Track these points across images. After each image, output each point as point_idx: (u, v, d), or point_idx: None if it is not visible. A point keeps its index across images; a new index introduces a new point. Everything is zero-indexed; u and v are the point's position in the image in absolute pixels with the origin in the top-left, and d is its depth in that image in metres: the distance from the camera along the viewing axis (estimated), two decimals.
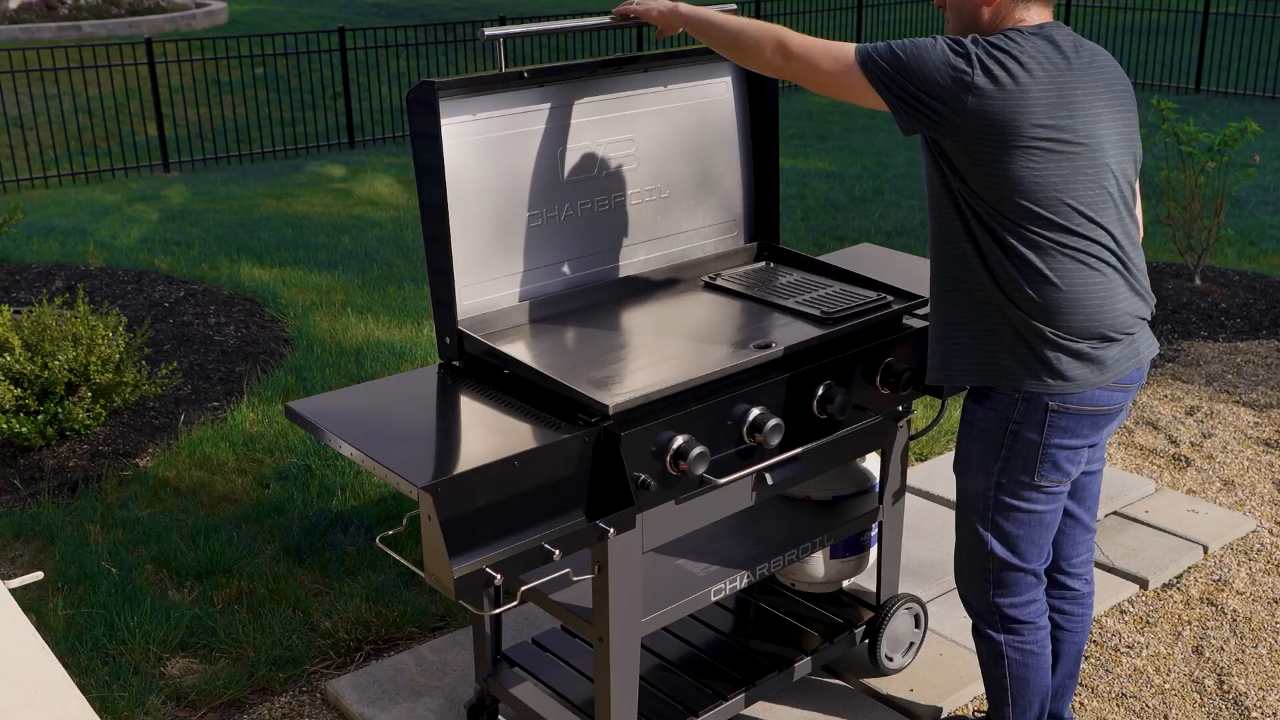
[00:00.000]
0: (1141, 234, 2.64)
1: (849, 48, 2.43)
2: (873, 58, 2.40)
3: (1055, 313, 2.42)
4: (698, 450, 2.37)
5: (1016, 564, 2.62)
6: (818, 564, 3.18)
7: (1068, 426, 2.50)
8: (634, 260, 2.99)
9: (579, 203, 2.82)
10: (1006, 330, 2.46)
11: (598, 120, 2.81)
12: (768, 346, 2.61)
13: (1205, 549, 3.98)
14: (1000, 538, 2.60)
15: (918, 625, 3.28)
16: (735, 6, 2.84)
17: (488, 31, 2.54)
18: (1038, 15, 2.46)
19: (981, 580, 2.66)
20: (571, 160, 2.79)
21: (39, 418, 4.63)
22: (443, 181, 2.48)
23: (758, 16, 14.71)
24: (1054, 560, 2.77)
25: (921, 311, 2.95)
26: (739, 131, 3.11)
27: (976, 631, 2.74)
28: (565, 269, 2.85)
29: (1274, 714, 3.19)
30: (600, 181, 2.86)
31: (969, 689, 3.22)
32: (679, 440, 2.38)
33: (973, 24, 2.50)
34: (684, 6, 2.63)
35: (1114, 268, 2.47)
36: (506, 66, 2.59)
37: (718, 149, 3.08)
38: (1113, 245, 2.46)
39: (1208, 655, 3.45)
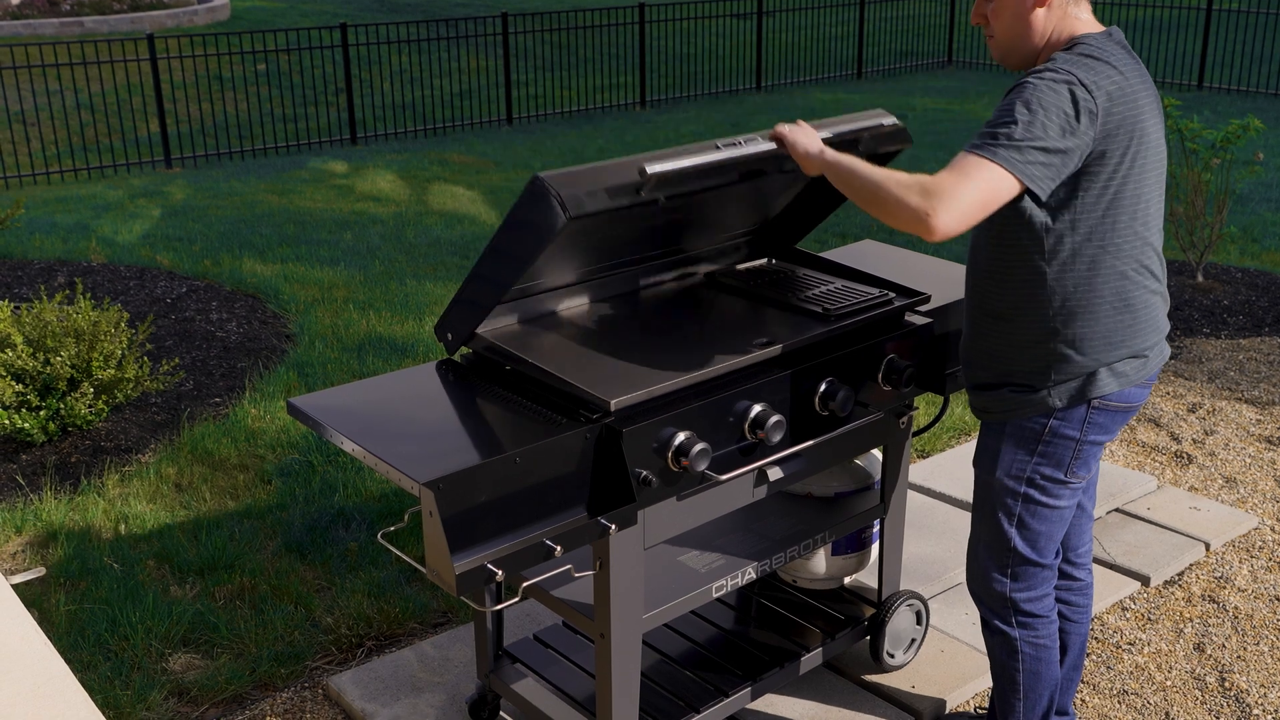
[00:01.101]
0: None
1: (969, 155, 2.23)
2: (1006, 143, 2.22)
3: (1126, 336, 2.44)
4: (699, 447, 2.37)
5: (1035, 559, 2.61)
6: (819, 561, 3.18)
7: (1103, 423, 2.50)
8: (646, 256, 2.97)
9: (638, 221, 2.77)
10: (1067, 365, 2.45)
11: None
12: (769, 343, 2.61)
13: (1207, 546, 3.98)
14: (1024, 533, 2.59)
15: (919, 622, 3.28)
16: (895, 119, 2.80)
17: (649, 169, 2.36)
18: (1087, 13, 2.43)
19: (999, 575, 2.64)
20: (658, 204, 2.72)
21: (41, 413, 4.64)
22: (531, 261, 2.41)
23: (759, 14, 14.70)
24: (1062, 552, 2.78)
25: (924, 308, 2.95)
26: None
27: (988, 626, 2.72)
28: (582, 269, 2.83)
29: (1275, 711, 3.19)
30: (669, 206, 2.80)
31: (970, 685, 3.22)
32: (680, 437, 2.38)
33: (1027, 30, 2.41)
34: (829, 152, 2.45)
35: (1160, 274, 2.50)
36: (648, 192, 2.42)
37: (789, 181, 2.99)
38: (1160, 251, 2.50)
39: (1209, 652, 3.45)
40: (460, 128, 12.59)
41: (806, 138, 2.51)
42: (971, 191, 2.20)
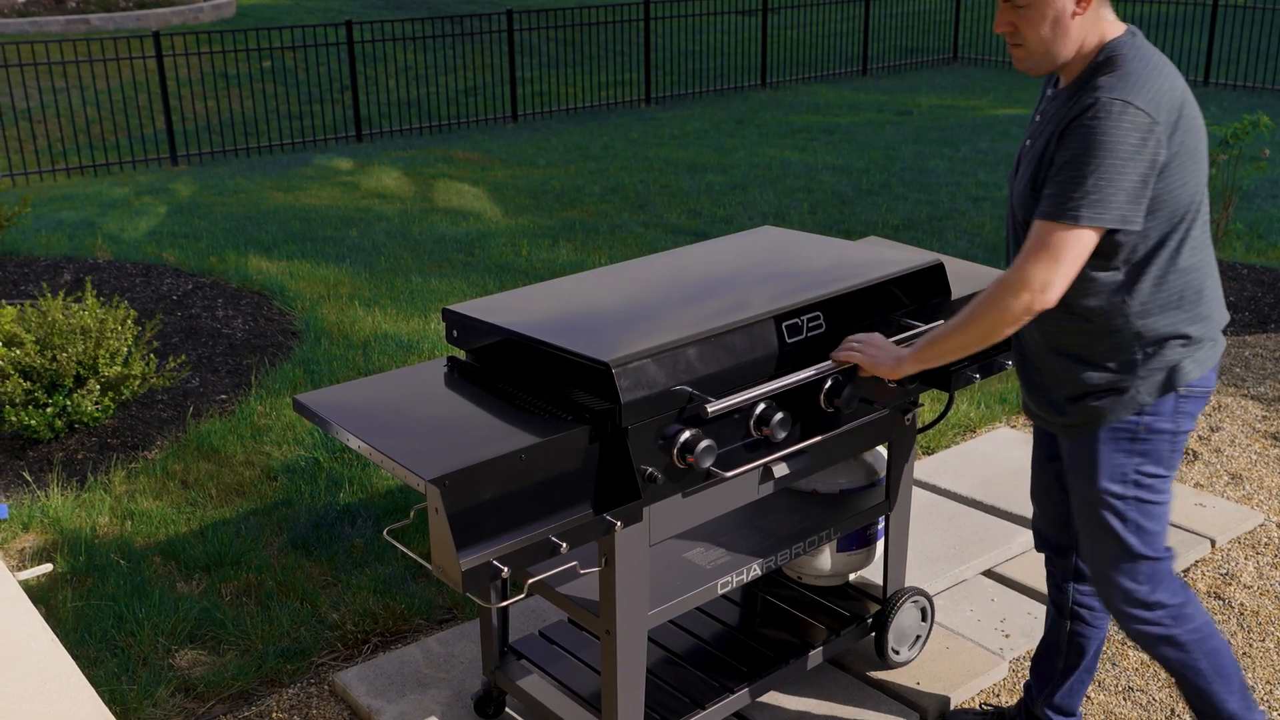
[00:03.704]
0: None
1: (1050, 226, 2.24)
2: (1083, 202, 2.21)
3: (1201, 323, 2.42)
4: (705, 444, 2.37)
5: (1158, 556, 2.53)
6: (825, 557, 3.18)
7: (1190, 411, 2.46)
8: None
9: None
10: (1150, 362, 2.41)
11: None
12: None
13: (1213, 543, 3.97)
14: (1142, 536, 2.50)
15: (924, 618, 3.28)
16: (938, 258, 2.80)
17: (710, 409, 2.35)
18: (1111, 13, 2.38)
19: (1138, 584, 2.54)
20: None
21: (48, 410, 4.65)
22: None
23: (764, 11, 14.67)
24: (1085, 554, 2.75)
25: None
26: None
27: (1151, 640, 2.57)
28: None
29: None
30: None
31: (975, 682, 3.22)
32: (686, 434, 2.38)
33: (1063, 38, 2.33)
34: (910, 354, 2.47)
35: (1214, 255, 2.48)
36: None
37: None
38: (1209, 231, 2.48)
39: None
40: (465, 125, 12.59)
41: (879, 352, 2.53)
42: (1065, 264, 2.25)
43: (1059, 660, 2.88)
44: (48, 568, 3.76)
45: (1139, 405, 2.44)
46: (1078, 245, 2.25)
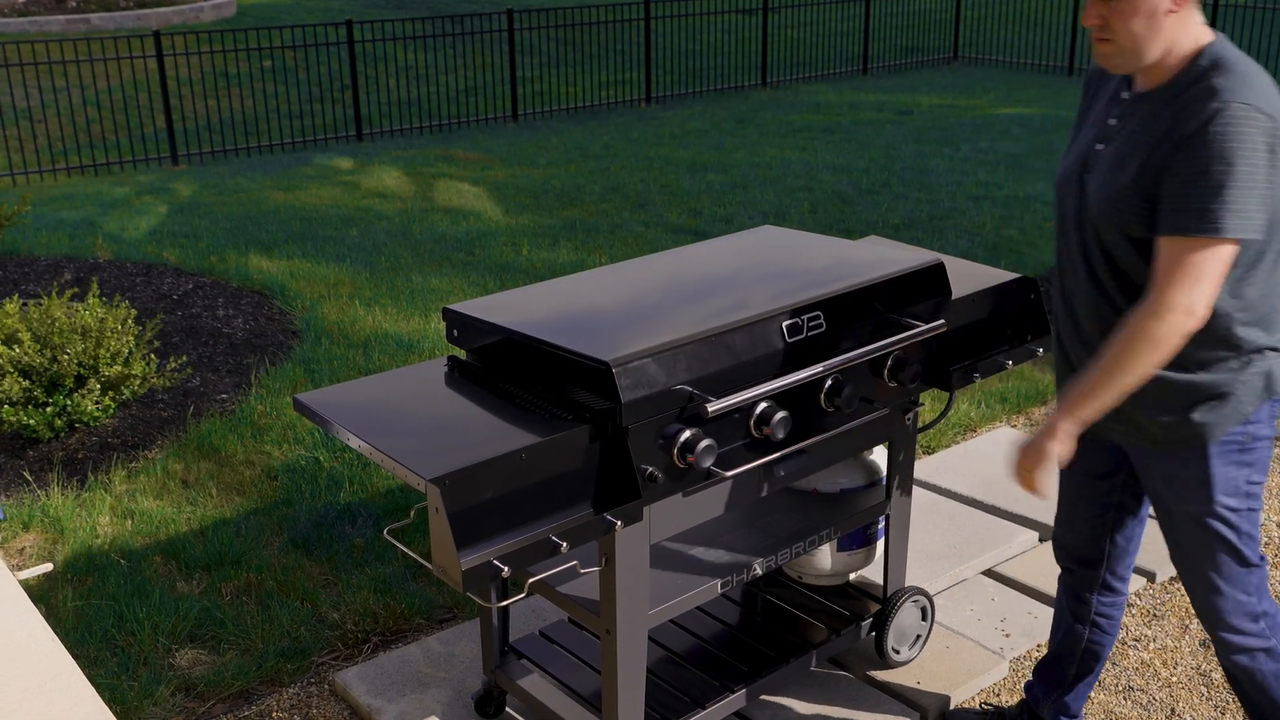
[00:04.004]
0: None
1: (1190, 243, 2.16)
2: (1223, 212, 2.13)
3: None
4: (705, 443, 2.37)
5: (1260, 564, 2.49)
6: (825, 557, 3.18)
7: (1276, 415, 2.43)
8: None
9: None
10: (1248, 368, 2.35)
11: None
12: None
13: None
14: (1250, 544, 2.46)
15: (924, 618, 3.28)
16: (938, 257, 2.76)
17: (710, 409, 2.35)
18: (1200, 16, 2.29)
19: (1248, 596, 2.49)
20: None
21: (48, 409, 4.65)
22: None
23: (764, 10, 14.67)
24: (1113, 566, 2.74)
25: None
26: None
27: (1247, 655, 2.53)
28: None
29: None
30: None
31: (975, 681, 3.22)
32: (686, 433, 2.38)
33: (1155, 35, 2.23)
34: (1067, 417, 2.33)
35: None
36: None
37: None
38: None
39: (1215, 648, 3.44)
40: (466, 124, 12.59)
41: (1034, 444, 2.39)
42: (1207, 282, 2.18)
43: (1070, 668, 2.87)
44: (48, 567, 3.76)
45: (1243, 415, 2.37)
46: (1217, 260, 2.17)
